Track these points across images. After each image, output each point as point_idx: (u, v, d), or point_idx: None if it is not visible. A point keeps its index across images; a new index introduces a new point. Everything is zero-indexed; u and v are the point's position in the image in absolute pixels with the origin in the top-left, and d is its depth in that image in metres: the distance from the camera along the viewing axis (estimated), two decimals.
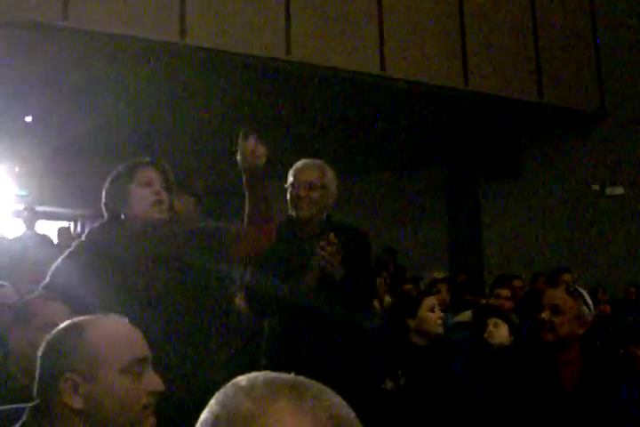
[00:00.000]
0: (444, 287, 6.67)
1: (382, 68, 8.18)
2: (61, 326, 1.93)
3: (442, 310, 4.41)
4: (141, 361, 1.89)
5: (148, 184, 3.13)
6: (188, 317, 3.01)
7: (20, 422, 1.85)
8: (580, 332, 3.27)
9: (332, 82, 8.24)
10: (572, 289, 3.34)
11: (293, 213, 3.76)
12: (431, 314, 4.18)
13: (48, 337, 1.90)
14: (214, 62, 7.60)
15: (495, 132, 10.59)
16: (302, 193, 3.69)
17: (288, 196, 3.78)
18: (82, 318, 1.95)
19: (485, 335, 4.67)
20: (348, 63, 7.94)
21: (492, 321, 4.74)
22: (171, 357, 2.90)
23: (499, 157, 11.20)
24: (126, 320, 2.04)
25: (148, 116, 9.24)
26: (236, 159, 3.08)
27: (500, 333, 4.67)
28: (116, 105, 8.74)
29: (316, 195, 3.71)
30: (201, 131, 9.93)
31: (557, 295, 3.31)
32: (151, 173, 3.17)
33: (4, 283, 5.01)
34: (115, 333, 1.94)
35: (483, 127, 10.26)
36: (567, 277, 6.97)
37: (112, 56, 7.46)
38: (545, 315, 3.25)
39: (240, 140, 3.08)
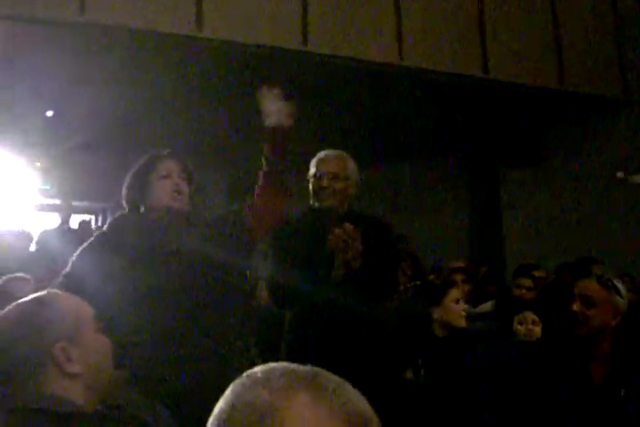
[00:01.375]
0: (459, 277, 6.58)
1: (400, 57, 8.13)
2: (17, 308, 1.95)
3: None
4: (96, 317, 1.98)
5: (168, 176, 3.15)
6: (206, 309, 3.01)
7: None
8: (613, 323, 3.21)
9: (349, 72, 8.21)
10: (604, 279, 3.28)
11: (316, 204, 3.76)
12: (455, 306, 4.15)
13: (8, 321, 1.92)
14: (231, 54, 7.59)
15: (515, 119, 10.49)
16: (325, 184, 3.70)
17: (310, 186, 3.78)
18: (27, 297, 1.98)
19: (522, 332, 4.61)
20: (364, 53, 7.90)
21: (526, 319, 4.67)
22: (189, 349, 2.91)
23: (519, 145, 11.10)
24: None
25: (167, 109, 9.25)
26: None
27: (536, 331, 4.62)
28: (134, 98, 8.75)
29: (338, 185, 3.72)
30: (219, 123, 9.92)
31: (589, 286, 3.25)
32: (170, 165, 3.19)
33: (22, 275, 5.05)
34: (72, 298, 2.01)
35: (503, 115, 10.18)
36: (597, 268, 6.85)
37: (130, 50, 7.47)
38: (576, 306, 3.20)
39: (264, 96, 3.08)
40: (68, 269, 3.12)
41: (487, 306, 6.09)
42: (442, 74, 8.43)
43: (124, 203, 3.24)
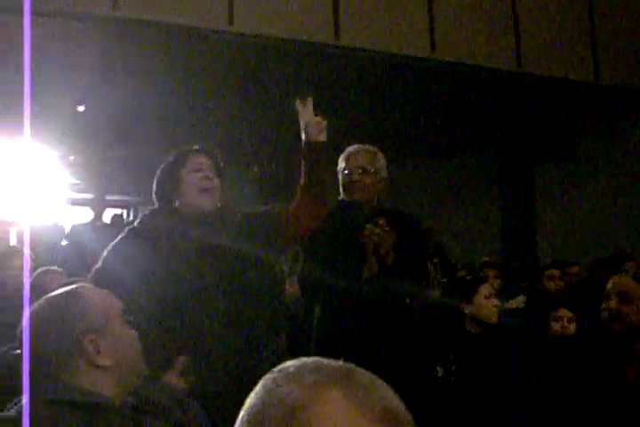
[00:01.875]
0: (491, 272, 6.54)
1: (432, 50, 8.10)
2: (48, 301, 1.97)
3: None
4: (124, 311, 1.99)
5: (199, 170, 3.15)
6: (236, 305, 3.00)
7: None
8: None
9: (381, 66, 8.19)
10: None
11: (346, 198, 3.76)
12: (487, 302, 4.12)
13: (39, 315, 1.93)
14: (263, 48, 7.60)
15: (549, 113, 10.42)
16: (355, 178, 3.69)
17: (340, 180, 3.78)
18: (58, 291, 2.00)
19: (557, 329, 4.57)
20: (397, 47, 7.87)
21: (561, 316, 4.63)
22: (219, 345, 2.92)
23: (553, 140, 11.02)
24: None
25: (198, 104, 9.27)
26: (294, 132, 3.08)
27: (571, 328, 4.58)
28: (165, 93, 8.79)
29: (368, 180, 3.71)
30: (249, 118, 9.94)
31: (626, 283, 3.24)
32: (202, 160, 3.19)
33: (54, 268, 5.08)
34: (101, 291, 2.03)
35: (537, 109, 10.11)
36: (630, 265, 6.79)
37: (161, 45, 7.49)
38: (613, 303, 3.18)
39: (299, 109, 3.09)
40: (99, 264, 3.13)
41: (518, 301, 6.06)
42: (475, 68, 8.38)
43: (154, 198, 3.25)
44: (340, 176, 3.78)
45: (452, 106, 9.54)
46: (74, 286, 2.01)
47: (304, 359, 1.08)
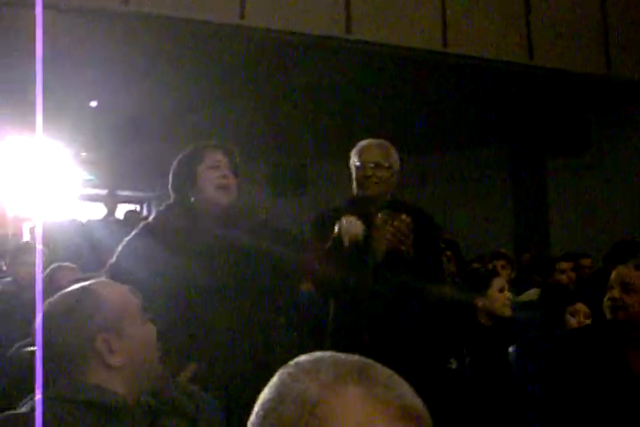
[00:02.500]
0: (500, 263, 6.50)
1: (444, 44, 8.08)
2: (62, 297, 1.94)
3: None
4: (143, 308, 1.95)
5: (217, 168, 3.15)
6: (248, 303, 3.00)
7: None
8: None
9: (393, 60, 8.17)
10: None
11: (359, 193, 3.76)
12: (500, 295, 4.12)
13: (52, 312, 1.91)
14: (274, 43, 7.59)
15: (562, 106, 10.38)
16: (369, 173, 3.69)
17: (354, 175, 3.78)
18: (76, 286, 1.97)
19: (573, 324, 4.55)
20: (409, 40, 7.85)
21: (578, 311, 4.62)
22: (232, 342, 2.92)
23: (566, 133, 10.98)
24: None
25: (210, 99, 9.28)
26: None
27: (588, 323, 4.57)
28: (177, 89, 8.79)
29: (382, 174, 3.71)
30: (261, 113, 9.94)
31: (628, 273, 3.21)
32: (219, 157, 3.19)
33: (68, 264, 5.10)
34: (118, 288, 1.98)
35: (549, 102, 10.07)
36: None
37: (173, 39, 7.49)
38: (616, 293, 3.16)
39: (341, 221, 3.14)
40: (113, 259, 3.14)
41: (531, 294, 6.05)
42: (487, 61, 8.36)
43: (170, 190, 3.25)
44: (352, 171, 3.79)
45: (464, 99, 9.52)
46: (89, 282, 1.97)
47: (319, 354, 1.07)
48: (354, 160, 3.77)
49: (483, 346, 3.91)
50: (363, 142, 3.83)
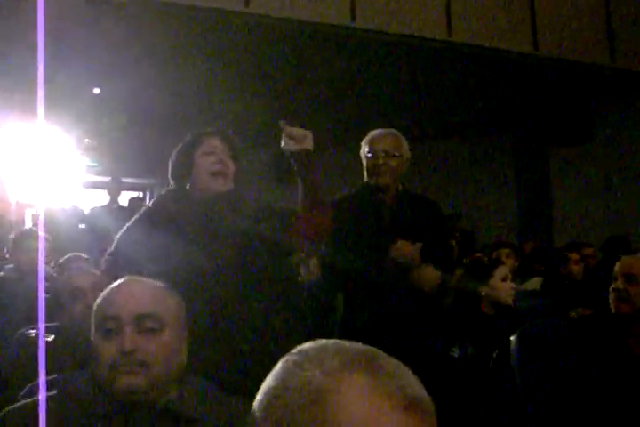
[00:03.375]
0: (504, 252, 6.51)
1: (449, 33, 8.06)
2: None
3: None
4: (112, 319, 1.83)
5: (211, 154, 3.13)
6: (246, 289, 3.00)
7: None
8: None
9: (398, 48, 8.15)
10: None
11: (372, 181, 3.79)
12: (503, 284, 4.12)
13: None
14: (279, 31, 7.57)
15: (565, 96, 10.37)
16: (381, 161, 3.74)
17: (365, 164, 3.83)
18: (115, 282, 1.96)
19: None
20: (413, 29, 7.83)
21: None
22: (229, 328, 2.91)
23: (569, 122, 10.97)
24: (148, 280, 2.00)
25: (213, 87, 9.27)
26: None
27: None
28: (181, 75, 8.78)
29: (393, 163, 3.77)
30: (264, 101, 9.92)
31: (633, 264, 3.20)
32: (215, 142, 3.17)
33: (80, 254, 5.11)
34: (107, 292, 1.92)
35: (552, 92, 10.06)
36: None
37: (177, 26, 7.48)
38: (620, 284, 3.15)
39: (283, 127, 3.05)
40: (113, 247, 3.14)
41: (534, 283, 6.05)
42: (491, 50, 8.34)
43: (170, 180, 3.25)
44: (364, 160, 3.83)
45: (469, 88, 9.51)
46: (123, 280, 1.95)
47: (324, 341, 1.07)
48: (365, 149, 3.84)
49: (485, 335, 3.92)
50: (374, 132, 3.90)
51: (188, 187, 3.17)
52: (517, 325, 3.80)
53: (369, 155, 3.80)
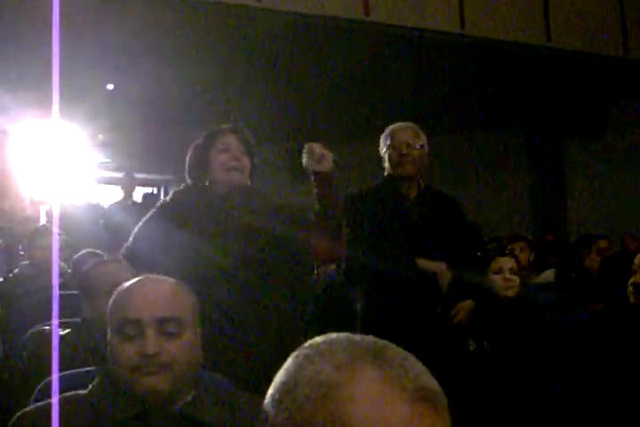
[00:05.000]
0: (519, 245, 6.45)
1: (462, 26, 8.04)
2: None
3: (519, 270, 4.28)
4: (133, 323, 1.81)
5: (226, 151, 3.16)
6: (261, 285, 3.01)
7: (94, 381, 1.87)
8: None
9: (411, 42, 8.14)
10: None
11: (395, 173, 3.83)
12: (496, 276, 4.11)
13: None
14: (290, 26, 7.58)
15: (579, 89, 10.33)
16: (404, 151, 3.76)
17: (387, 156, 3.85)
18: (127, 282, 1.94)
19: None
20: (426, 23, 7.83)
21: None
22: (243, 324, 2.92)
23: (583, 115, 10.94)
24: (164, 279, 1.98)
25: (228, 83, 9.28)
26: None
27: None
28: (196, 71, 8.78)
29: (415, 154, 3.80)
30: (279, 96, 9.92)
31: None
32: (230, 139, 3.19)
33: (95, 251, 5.10)
34: (124, 293, 1.90)
35: (566, 84, 10.02)
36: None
37: (191, 22, 7.49)
38: (639, 278, 3.14)
39: (306, 147, 3.04)
40: (129, 241, 3.16)
41: (547, 275, 6.04)
42: (504, 43, 8.33)
43: (187, 178, 3.28)
44: (386, 153, 3.85)
45: (482, 81, 9.48)
46: (141, 278, 1.96)
47: (334, 335, 1.06)
48: (387, 142, 3.87)
49: (502, 328, 3.91)
50: (393, 125, 3.95)
51: (204, 184, 3.20)
52: (535, 318, 3.81)
53: (391, 147, 3.82)
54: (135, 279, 1.94)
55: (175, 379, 1.78)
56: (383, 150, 3.90)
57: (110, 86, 9.50)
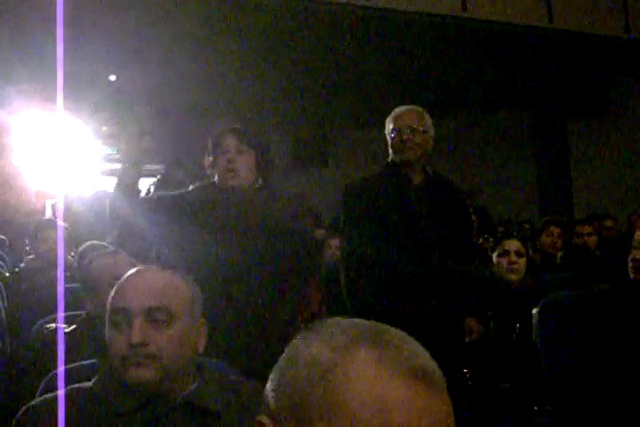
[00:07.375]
0: (555, 230, 6.41)
1: (464, 8, 8.03)
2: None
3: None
4: (122, 312, 1.81)
5: (224, 152, 3.24)
6: (278, 284, 3.06)
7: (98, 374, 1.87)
8: None
9: (413, 26, 8.13)
10: None
11: (397, 158, 3.79)
12: (500, 259, 4.12)
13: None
14: (301, 14, 7.58)
15: (581, 69, 10.32)
16: (406, 137, 3.72)
17: (390, 141, 3.81)
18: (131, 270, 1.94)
19: None
20: (429, 6, 7.82)
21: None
22: (249, 317, 2.96)
23: (586, 95, 10.93)
24: (161, 270, 1.94)
25: (232, 74, 9.28)
26: None
27: None
28: (201, 62, 8.79)
29: (418, 138, 3.74)
30: (284, 87, 9.92)
31: None
32: (228, 141, 3.26)
33: (101, 243, 5.11)
34: (120, 283, 1.89)
35: (568, 65, 10.01)
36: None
37: (194, 12, 7.48)
38: (638, 253, 3.14)
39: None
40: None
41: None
42: (507, 25, 8.31)
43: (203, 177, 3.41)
44: (388, 137, 3.82)
45: (486, 62, 9.47)
46: (136, 270, 1.94)
47: (334, 320, 1.07)
48: (389, 126, 3.82)
49: (506, 308, 3.92)
50: (398, 109, 3.88)
51: (214, 182, 3.28)
52: (539, 297, 3.80)
53: (394, 131, 3.78)
54: (133, 270, 1.93)
55: (163, 370, 1.77)
56: (387, 135, 3.86)
57: (112, 77, 9.49)
